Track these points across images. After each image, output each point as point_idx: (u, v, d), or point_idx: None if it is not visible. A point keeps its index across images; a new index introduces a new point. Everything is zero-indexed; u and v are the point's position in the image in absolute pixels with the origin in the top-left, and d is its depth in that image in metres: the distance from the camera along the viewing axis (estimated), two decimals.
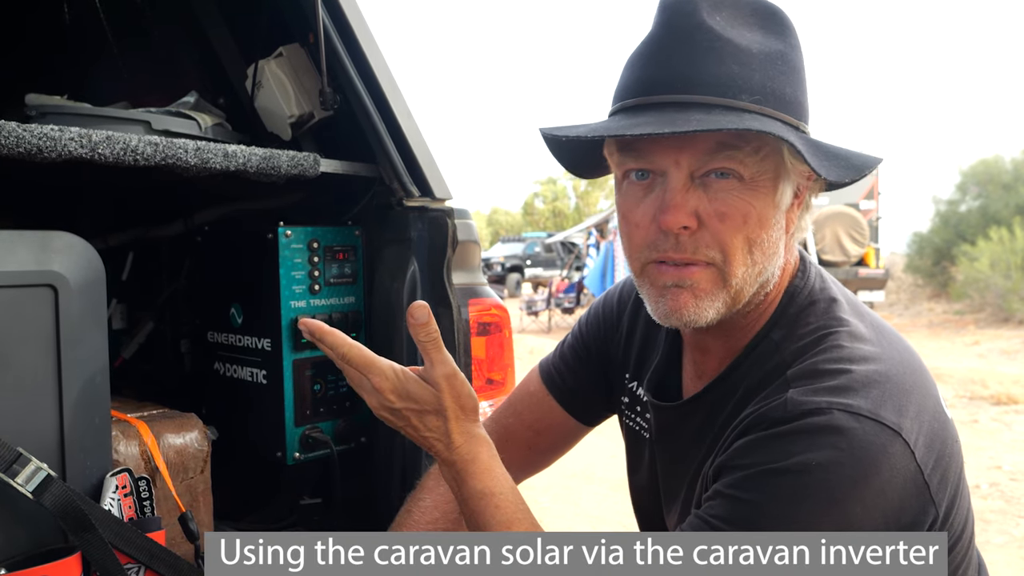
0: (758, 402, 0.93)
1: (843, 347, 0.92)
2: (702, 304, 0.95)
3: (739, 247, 0.92)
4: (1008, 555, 3.79)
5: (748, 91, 0.89)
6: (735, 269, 0.93)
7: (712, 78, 0.89)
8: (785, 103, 0.92)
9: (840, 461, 0.82)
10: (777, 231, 0.95)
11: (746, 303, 0.98)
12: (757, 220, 0.92)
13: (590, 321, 1.32)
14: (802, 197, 0.99)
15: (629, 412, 1.23)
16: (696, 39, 0.90)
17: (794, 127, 0.92)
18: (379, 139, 1.59)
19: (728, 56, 0.90)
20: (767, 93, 0.90)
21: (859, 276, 12.75)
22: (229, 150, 1.38)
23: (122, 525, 1.11)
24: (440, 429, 1.02)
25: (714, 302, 0.95)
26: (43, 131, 1.16)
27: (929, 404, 0.91)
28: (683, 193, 0.92)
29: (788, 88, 0.92)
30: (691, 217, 0.92)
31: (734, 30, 0.91)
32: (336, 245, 1.64)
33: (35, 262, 1.08)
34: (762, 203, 0.92)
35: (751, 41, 0.92)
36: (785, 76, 0.92)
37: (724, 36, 0.90)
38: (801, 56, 0.96)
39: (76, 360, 1.11)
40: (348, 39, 1.60)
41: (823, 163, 0.89)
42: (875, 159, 0.93)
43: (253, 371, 1.65)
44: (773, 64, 0.92)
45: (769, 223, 0.94)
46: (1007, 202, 15.80)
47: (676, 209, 0.91)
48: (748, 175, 0.91)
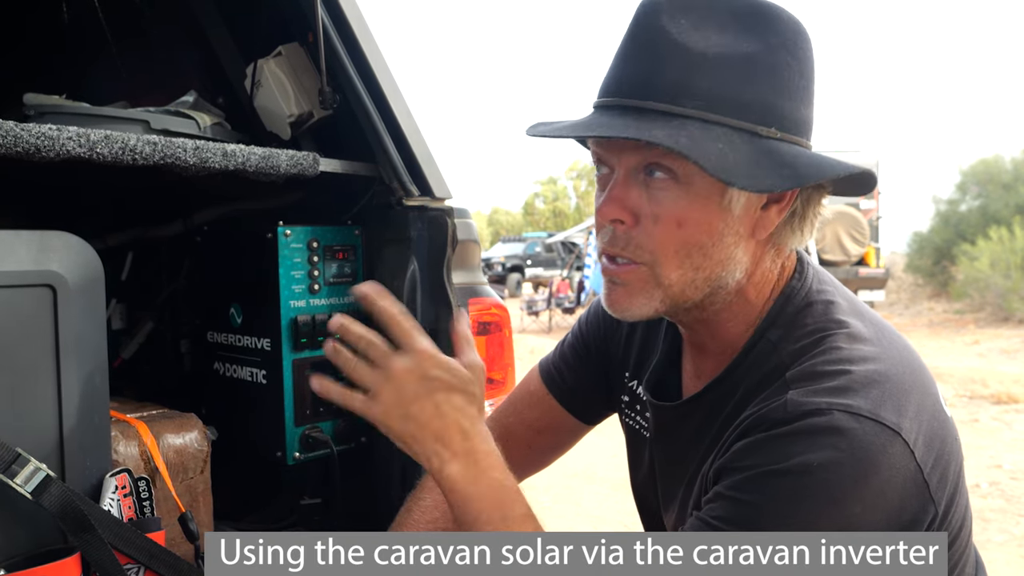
0: (757, 403, 0.93)
1: (842, 348, 0.92)
2: (634, 301, 0.98)
3: (672, 251, 0.94)
4: (1008, 553, 3.79)
5: (691, 96, 0.90)
6: (667, 272, 0.95)
7: (658, 83, 0.92)
8: (741, 107, 0.91)
9: (840, 461, 0.82)
10: (729, 236, 0.95)
11: (707, 302, 0.99)
12: (695, 224, 0.93)
13: (590, 320, 1.32)
14: (784, 203, 0.97)
15: (629, 411, 1.23)
16: (649, 43, 0.93)
17: (749, 131, 0.91)
18: (379, 138, 1.58)
19: (676, 61, 0.91)
20: (713, 98, 0.90)
21: (859, 275, 12.75)
22: (228, 149, 1.38)
23: (122, 525, 1.10)
24: (464, 411, 0.98)
25: (649, 300, 0.97)
26: (41, 130, 1.16)
27: (928, 403, 0.91)
28: (622, 188, 0.95)
29: (749, 90, 0.91)
30: (624, 211, 0.95)
31: (697, 33, 0.91)
32: (336, 245, 1.64)
33: (33, 262, 1.08)
34: (701, 206, 0.93)
35: (711, 44, 0.91)
36: (746, 79, 0.91)
37: (677, 41, 0.91)
38: (785, 56, 0.93)
39: (75, 360, 1.11)
40: (347, 38, 1.60)
41: (743, 171, 0.88)
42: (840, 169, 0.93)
43: (253, 371, 1.65)
44: (731, 66, 0.91)
45: (712, 227, 0.94)
46: (1007, 202, 15.80)
47: (610, 201, 0.95)
48: (684, 175, 0.92)
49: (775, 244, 1.00)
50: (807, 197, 0.98)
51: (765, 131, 0.92)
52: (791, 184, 0.90)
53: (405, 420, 0.97)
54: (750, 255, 0.98)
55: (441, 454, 0.97)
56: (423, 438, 0.97)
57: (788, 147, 0.93)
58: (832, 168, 0.93)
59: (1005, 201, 15.87)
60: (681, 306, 0.99)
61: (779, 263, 1.02)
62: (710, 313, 1.01)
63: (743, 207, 0.94)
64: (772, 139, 0.92)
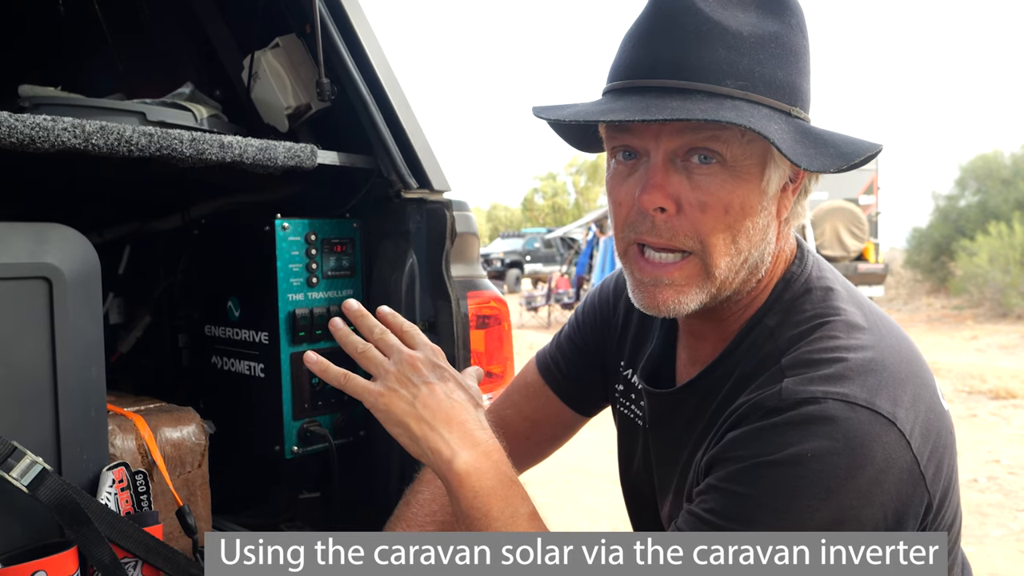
0: (752, 390, 0.92)
1: (839, 336, 0.91)
2: (685, 298, 0.95)
3: (720, 237, 0.92)
4: (1006, 548, 3.79)
5: (734, 76, 0.88)
6: (717, 259, 0.93)
7: (697, 62, 0.88)
8: (776, 87, 0.90)
9: (834, 451, 0.81)
10: (764, 217, 0.94)
11: (736, 290, 0.97)
12: (740, 208, 0.91)
13: (586, 311, 1.31)
14: (798, 182, 0.97)
15: (623, 400, 1.23)
16: (684, 22, 0.89)
17: (784, 112, 0.90)
18: (376, 131, 1.57)
19: (715, 40, 0.88)
20: (754, 78, 0.89)
21: (858, 271, 12.76)
22: (225, 141, 1.37)
23: (119, 519, 1.10)
24: (470, 404, 1.00)
25: (698, 294, 0.95)
26: (36, 121, 1.15)
27: (925, 394, 0.90)
28: (663, 174, 0.91)
29: (781, 72, 0.90)
30: (668, 200, 0.91)
31: (725, 11, 0.90)
32: (334, 238, 1.63)
33: (29, 254, 1.07)
34: (745, 190, 0.91)
35: (743, 23, 0.89)
36: (778, 59, 0.90)
37: (713, 19, 0.89)
38: (802, 38, 0.93)
39: (71, 353, 1.10)
40: (345, 30, 1.59)
41: (804, 151, 0.87)
42: (869, 146, 0.91)
43: (251, 364, 1.64)
44: (764, 47, 0.90)
45: (754, 210, 0.92)
46: (1006, 197, 15.80)
47: (654, 189, 0.91)
48: (731, 158, 0.90)
49: (788, 224, 1.00)
50: (811, 175, 0.97)
51: (795, 111, 0.92)
52: (841, 163, 0.88)
53: (412, 404, 0.98)
54: (776, 236, 0.98)
55: (451, 443, 0.96)
56: (432, 423, 0.97)
57: (813, 127, 0.93)
58: (861, 147, 0.91)
59: (1004, 197, 15.87)
60: (722, 296, 0.97)
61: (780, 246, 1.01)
62: (729, 302, 1.00)
63: (776, 188, 0.94)
64: (800, 119, 0.92)
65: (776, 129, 0.86)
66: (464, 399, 1.01)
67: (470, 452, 0.96)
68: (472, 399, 1.02)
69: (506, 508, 0.94)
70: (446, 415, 0.98)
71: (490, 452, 0.97)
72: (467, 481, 0.94)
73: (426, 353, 1.02)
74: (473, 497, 0.94)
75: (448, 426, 0.97)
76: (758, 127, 0.84)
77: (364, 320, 1.05)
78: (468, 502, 0.94)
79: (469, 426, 0.98)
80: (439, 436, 0.96)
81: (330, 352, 1.62)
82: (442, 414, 0.97)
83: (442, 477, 0.97)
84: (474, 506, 0.94)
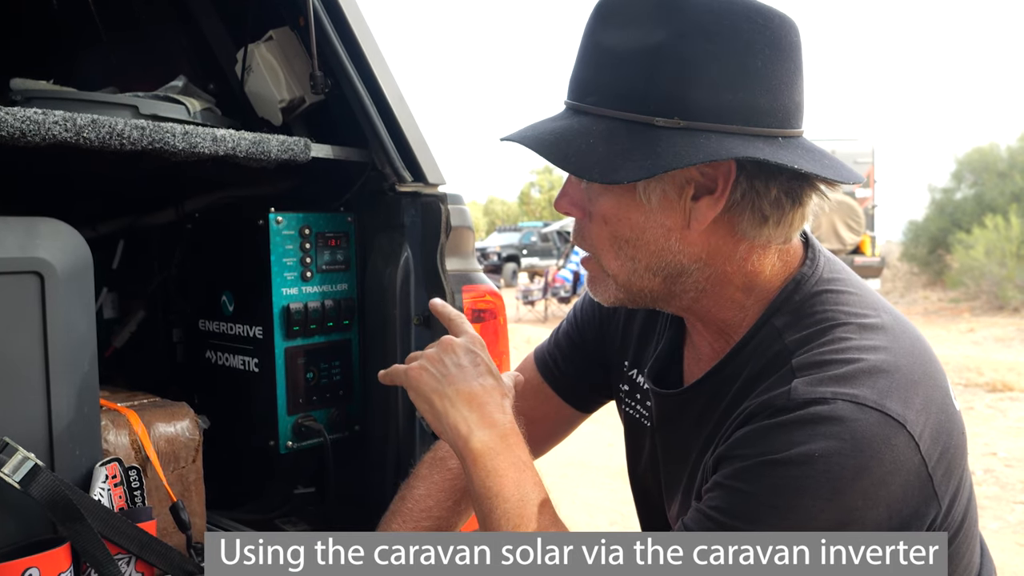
0: (762, 391, 0.91)
1: (850, 338, 0.90)
2: (596, 289, 1.04)
3: (605, 244, 0.99)
4: (1003, 540, 3.81)
5: (593, 92, 0.93)
6: (607, 263, 1.00)
7: (578, 83, 0.96)
8: (637, 99, 0.89)
9: (842, 451, 0.81)
10: (655, 229, 0.94)
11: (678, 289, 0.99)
12: (617, 221, 0.96)
13: (585, 307, 1.31)
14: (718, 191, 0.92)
15: (629, 400, 1.22)
16: (584, 44, 0.96)
17: (642, 123, 0.88)
18: (371, 124, 1.56)
19: (591, 59, 0.94)
20: (609, 92, 0.91)
21: (855, 264, 12.74)
22: (218, 134, 1.36)
23: (112, 515, 1.09)
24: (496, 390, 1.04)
25: (606, 288, 1.02)
26: (26, 114, 1.14)
27: (937, 396, 0.89)
28: (570, 183, 1.01)
29: (649, 83, 0.88)
30: (572, 207, 1.01)
31: (611, 31, 0.92)
32: (328, 231, 1.62)
33: (20, 249, 1.06)
34: (617, 203, 0.95)
35: (619, 40, 0.91)
36: (648, 70, 0.88)
37: (594, 39, 0.94)
38: (698, 43, 0.88)
39: (64, 348, 1.10)
40: (339, 22, 1.58)
41: (608, 166, 0.88)
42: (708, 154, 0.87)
43: (245, 359, 1.64)
44: (634, 61, 0.89)
45: (634, 223, 0.95)
46: (1002, 190, 15.82)
47: (561, 196, 1.02)
48: None
49: (740, 233, 0.95)
50: (750, 187, 0.92)
51: (663, 122, 0.88)
52: (641, 175, 0.87)
53: (440, 382, 1.04)
54: (699, 245, 0.95)
55: (470, 421, 1.01)
56: (455, 401, 1.02)
57: (686, 136, 0.88)
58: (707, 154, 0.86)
59: (1000, 189, 15.89)
60: (641, 293, 1.01)
61: (769, 252, 0.98)
62: (690, 300, 1.01)
63: (659, 200, 0.93)
64: (671, 128, 0.88)
65: (584, 144, 0.90)
66: (491, 385, 1.05)
67: (487, 432, 1.00)
68: (500, 387, 1.06)
69: (516, 491, 0.96)
70: (469, 395, 1.02)
71: (507, 435, 1.00)
72: (480, 460, 0.98)
73: (465, 340, 1.10)
74: (485, 476, 0.97)
75: (469, 405, 1.02)
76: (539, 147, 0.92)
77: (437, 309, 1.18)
78: (481, 481, 0.98)
79: (489, 408, 1.02)
80: (459, 414, 1.01)
81: (323, 346, 1.64)
82: (465, 394, 1.03)
83: (459, 454, 1.01)
84: (486, 485, 0.97)
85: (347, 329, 1.66)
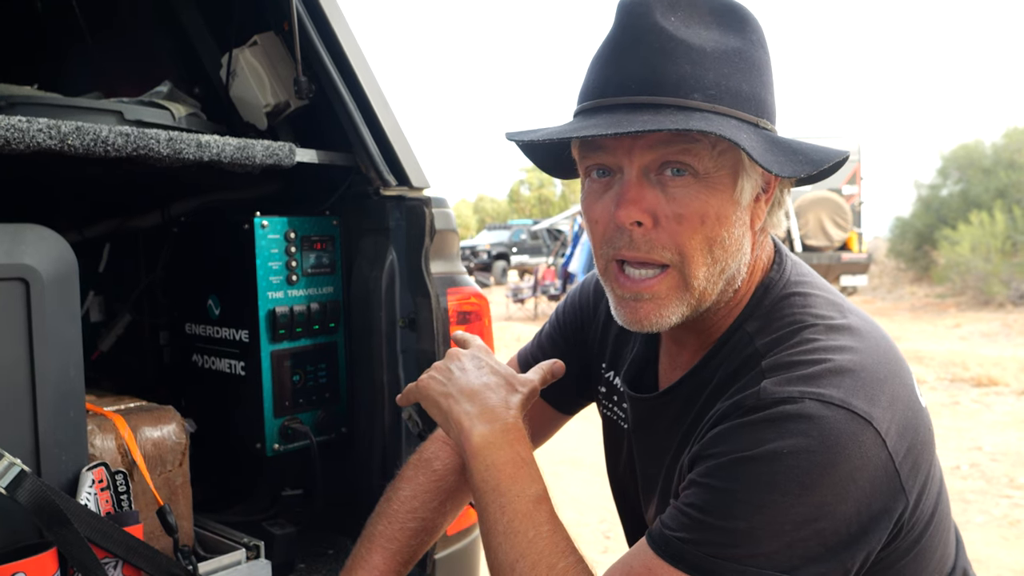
0: (733, 393, 0.93)
1: (818, 339, 0.93)
2: (666, 312, 0.96)
3: (697, 248, 0.93)
4: (987, 534, 3.84)
5: (700, 89, 0.90)
6: (695, 270, 0.94)
7: (664, 78, 0.90)
8: (742, 100, 0.92)
9: (810, 448, 0.83)
10: (739, 228, 0.96)
11: (714, 301, 0.99)
12: (715, 219, 0.93)
13: (567, 310, 1.32)
14: (770, 193, 0.99)
15: (606, 402, 1.24)
16: (649, 41, 0.91)
17: (751, 123, 0.92)
18: (355, 128, 1.58)
19: (681, 56, 0.90)
20: (720, 90, 0.91)
21: (842, 261, 12.84)
22: (202, 140, 1.37)
23: (99, 519, 1.10)
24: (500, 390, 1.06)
25: (678, 307, 0.96)
26: (10, 122, 1.14)
27: (903, 394, 0.91)
28: (637, 189, 0.93)
29: (745, 84, 0.92)
30: (644, 214, 0.93)
31: (689, 30, 0.92)
32: (313, 235, 1.63)
33: (5, 255, 1.07)
34: (719, 200, 0.93)
35: (706, 40, 0.92)
36: (742, 73, 0.92)
37: (677, 37, 0.91)
38: (762, 52, 0.95)
39: (49, 354, 1.10)
40: (323, 27, 1.59)
41: (774, 159, 0.89)
42: (836, 153, 0.94)
43: (231, 363, 1.64)
44: (728, 61, 0.92)
45: (729, 220, 0.94)
46: (987, 186, 15.92)
47: (629, 204, 0.93)
48: (703, 170, 0.92)
49: (764, 233, 1.02)
50: (783, 185, 0.99)
51: (762, 123, 0.93)
52: (810, 169, 0.91)
53: (445, 384, 1.08)
54: (751, 246, 0.99)
55: (472, 415, 1.03)
56: (458, 398, 1.05)
57: (780, 137, 0.94)
58: (829, 154, 0.93)
59: (985, 186, 15.99)
60: (702, 308, 0.98)
61: (763, 253, 1.03)
62: (709, 312, 1.01)
63: (748, 198, 0.96)
64: (767, 130, 0.94)
65: (746, 138, 0.88)
66: (496, 383, 1.07)
67: (488, 426, 1.02)
68: (507, 384, 1.07)
69: (513, 485, 0.98)
70: (471, 391, 1.06)
71: (508, 430, 1.02)
72: (480, 453, 1.00)
73: (471, 348, 1.14)
74: (484, 469, 0.99)
75: (472, 401, 1.05)
76: (730, 135, 0.85)
77: None
78: (480, 474, 1.00)
79: (491, 403, 1.04)
80: (462, 409, 1.04)
81: (309, 349, 1.64)
82: (468, 391, 1.06)
83: (460, 448, 1.03)
84: (484, 478, 0.99)
85: (333, 332, 1.67)
